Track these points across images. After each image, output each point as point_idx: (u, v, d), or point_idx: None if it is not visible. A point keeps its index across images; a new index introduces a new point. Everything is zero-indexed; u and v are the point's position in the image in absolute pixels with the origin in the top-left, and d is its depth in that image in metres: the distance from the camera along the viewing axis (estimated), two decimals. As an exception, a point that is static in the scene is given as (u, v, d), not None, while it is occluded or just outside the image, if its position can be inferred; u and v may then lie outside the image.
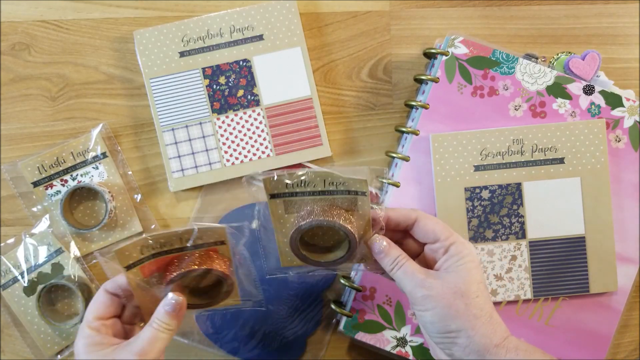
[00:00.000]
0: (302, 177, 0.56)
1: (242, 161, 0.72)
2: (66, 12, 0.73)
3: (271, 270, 0.62)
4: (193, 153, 0.72)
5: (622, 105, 0.69)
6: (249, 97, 0.72)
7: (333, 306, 0.70)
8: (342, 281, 0.69)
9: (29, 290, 0.71)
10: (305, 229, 0.57)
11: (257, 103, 0.72)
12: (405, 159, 0.69)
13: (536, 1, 0.75)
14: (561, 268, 0.69)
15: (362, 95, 0.75)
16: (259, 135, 0.72)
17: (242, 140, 0.72)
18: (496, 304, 0.69)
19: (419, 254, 0.60)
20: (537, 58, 0.70)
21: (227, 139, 0.72)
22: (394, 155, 0.70)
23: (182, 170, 0.72)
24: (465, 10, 0.75)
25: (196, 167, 0.72)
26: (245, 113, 0.72)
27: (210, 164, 0.72)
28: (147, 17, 0.73)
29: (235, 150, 0.72)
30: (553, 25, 0.75)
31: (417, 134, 0.69)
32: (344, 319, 0.69)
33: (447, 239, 0.57)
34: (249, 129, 0.72)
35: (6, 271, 0.71)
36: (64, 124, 0.73)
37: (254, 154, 0.72)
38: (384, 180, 0.69)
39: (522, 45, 0.75)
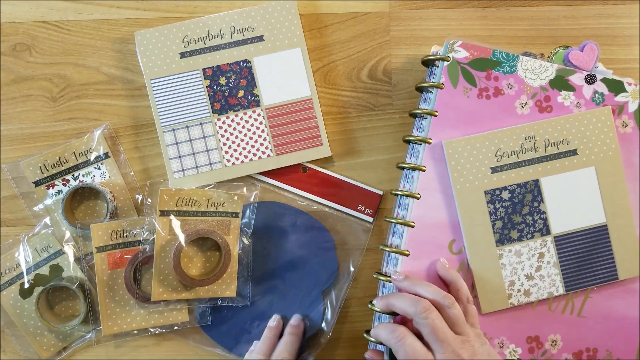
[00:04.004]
0: (192, 197, 0.70)
1: (242, 161, 0.72)
2: (67, 13, 0.73)
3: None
4: (194, 153, 0.72)
5: (625, 90, 0.70)
6: (249, 97, 0.73)
7: (365, 335, 0.66)
8: (371, 307, 0.67)
9: (26, 292, 0.71)
10: (189, 241, 0.69)
11: (258, 103, 0.72)
12: (421, 169, 0.68)
13: (535, 2, 0.75)
14: (589, 259, 0.69)
15: (362, 96, 0.75)
16: (259, 136, 0.72)
17: (242, 140, 0.72)
18: (528, 304, 0.70)
19: None
20: (535, 56, 0.70)
21: (227, 139, 0.72)
22: (406, 166, 0.69)
23: (183, 170, 0.72)
24: (465, 11, 0.75)
25: (197, 167, 0.72)
26: (245, 113, 0.72)
27: (211, 164, 0.72)
28: (148, 18, 0.73)
29: (235, 150, 0.72)
30: (552, 26, 0.75)
31: (429, 143, 0.68)
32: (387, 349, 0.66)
33: None
34: (249, 130, 0.72)
35: (4, 272, 0.71)
36: (65, 124, 0.73)
37: (255, 154, 0.72)
38: (399, 193, 0.68)
39: (522, 46, 0.75)
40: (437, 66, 0.69)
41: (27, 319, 0.71)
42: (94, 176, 0.72)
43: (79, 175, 0.72)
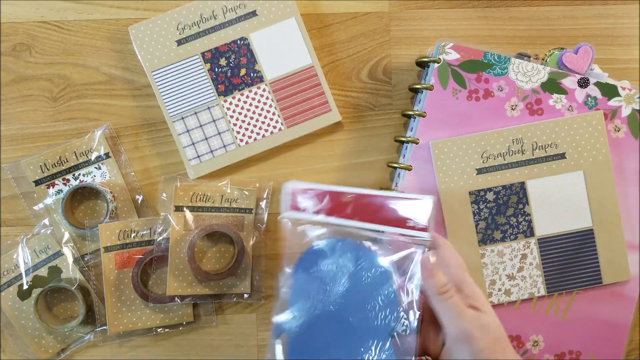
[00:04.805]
0: (207, 193, 0.71)
1: (255, 139, 0.72)
2: (67, 13, 0.73)
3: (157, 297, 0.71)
4: (206, 138, 0.72)
5: (619, 95, 0.70)
6: (251, 74, 0.72)
7: None
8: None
9: (24, 293, 0.71)
10: (202, 235, 0.70)
11: (261, 79, 0.72)
12: (408, 168, 0.69)
13: (535, 2, 0.75)
14: (572, 262, 0.69)
15: (362, 96, 0.75)
16: (268, 111, 0.72)
17: (252, 118, 0.72)
18: (510, 303, 0.70)
19: None
20: (529, 57, 0.70)
21: (237, 119, 0.72)
22: (396, 165, 0.70)
23: (199, 156, 0.72)
24: (465, 11, 0.75)
25: (212, 151, 0.72)
26: (250, 91, 0.72)
27: (224, 146, 0.72)
28: (148, 17, 0.73)
29: (247, 129, 0.72)
30: (552, 26, 0.75)
31: (416, 143, 0.69)
32: None
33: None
34: (257, 107, 0.72)
35: (3, 274, 0.71)
36: (65, 124, 0.73)
37: (266, 130, 0.72)
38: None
39: (521, 46, 0.75)
40: (430, 67, 0.69)
41: (26, 320, 0.71)
42: (95, 176, 0.72)
43: (79, 175, 0.72)
